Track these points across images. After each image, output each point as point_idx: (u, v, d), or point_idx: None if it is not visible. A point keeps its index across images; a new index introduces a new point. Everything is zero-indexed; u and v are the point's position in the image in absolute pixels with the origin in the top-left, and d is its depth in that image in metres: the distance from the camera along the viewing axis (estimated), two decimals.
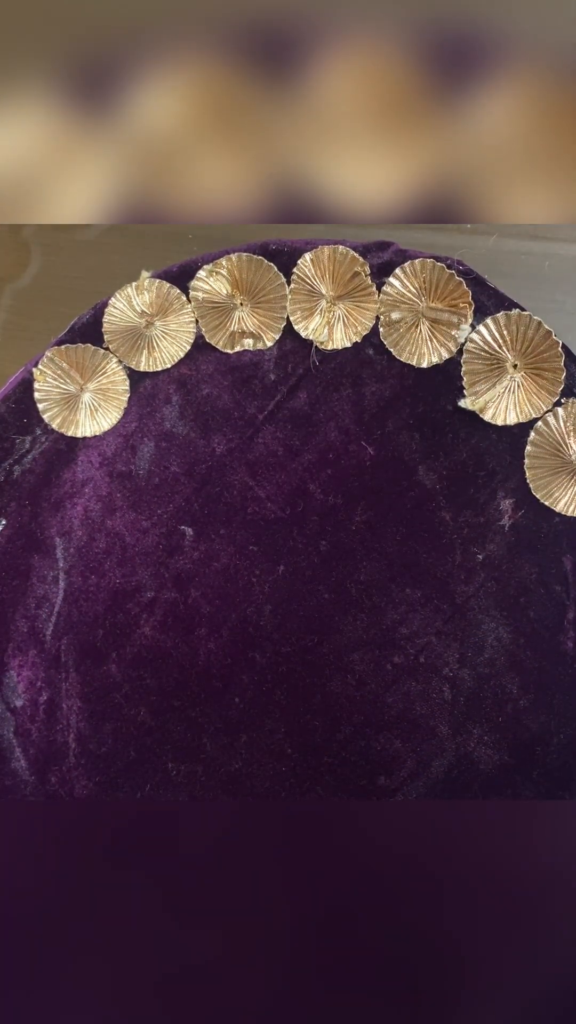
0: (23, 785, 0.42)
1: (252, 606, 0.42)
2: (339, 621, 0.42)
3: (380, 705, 0.41)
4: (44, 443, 0.43)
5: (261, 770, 0.41)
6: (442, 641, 0.41)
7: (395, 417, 0.42)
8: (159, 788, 0.42)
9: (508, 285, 0.42)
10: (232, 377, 0.43)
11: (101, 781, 0.42)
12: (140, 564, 0.43)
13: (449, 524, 0.41)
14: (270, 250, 0.43)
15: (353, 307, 0.42)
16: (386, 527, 0.42)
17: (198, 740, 0.42)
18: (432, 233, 0.46)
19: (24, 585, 0.43)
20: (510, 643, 0.41)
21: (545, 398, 0.41)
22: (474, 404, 0.41)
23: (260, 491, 0.43)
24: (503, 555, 0.41)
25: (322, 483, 0.42)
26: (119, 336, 0.43)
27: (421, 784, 0.41)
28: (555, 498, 0.41)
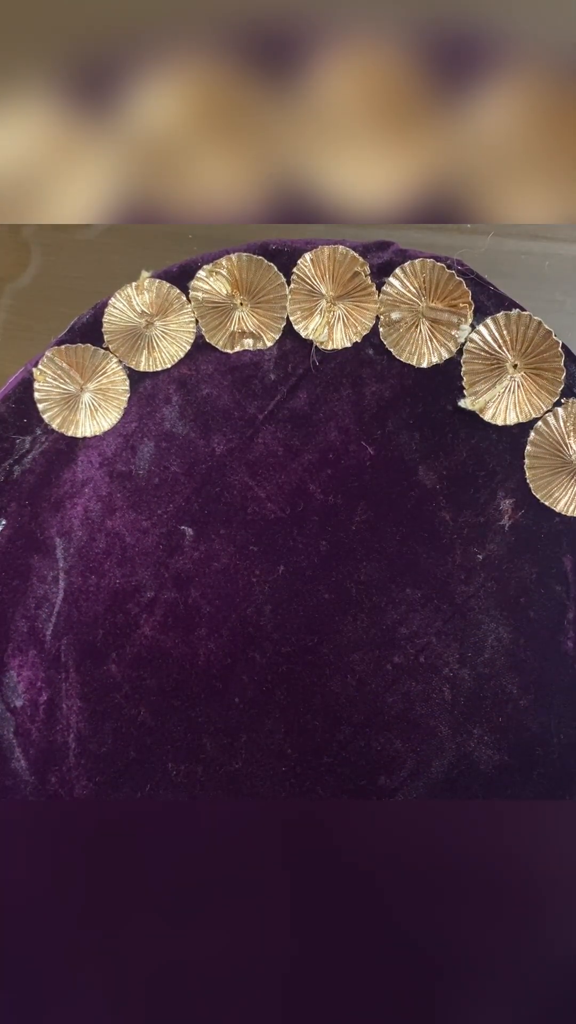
0: (23, 785, 0.42)
1: (252, 606, 0.42)
2: (339, 621, 0.42)
3: (380, 705, 0.41)
4: (44, 443, 0.43)
5: (261, 770, 0.41)
6: (442, 641, 0.41)
7: (395, 417, 0.42)
8: (159, 788, 0.42)
9: (508, 285, 0.42)
10: (232, 377, 0.43)
11: (101, 781, 0.42)
12: (140, 564, 0.43)
13: (449, 524, 0.41)
14: (270, 250, 0.43)
15: (353, 307, 0.42)
16: (386, 527, 0.42)
17: (198, 740, 0.42)
18: (432, 233, 0.46)
19: (24, 585, 0.43)
20: (510, 643, 0.41)
21: (545, 398, 0.41)
22: (474, 404, 0.41)
23: (260, 491, 0.43)
24: (503, 555, 0.41)
25: (322, 483, 0.42)
26: (119, 336, 0.43)
27: (421, 784, 0.41)
28: (555, 498, 0.41)
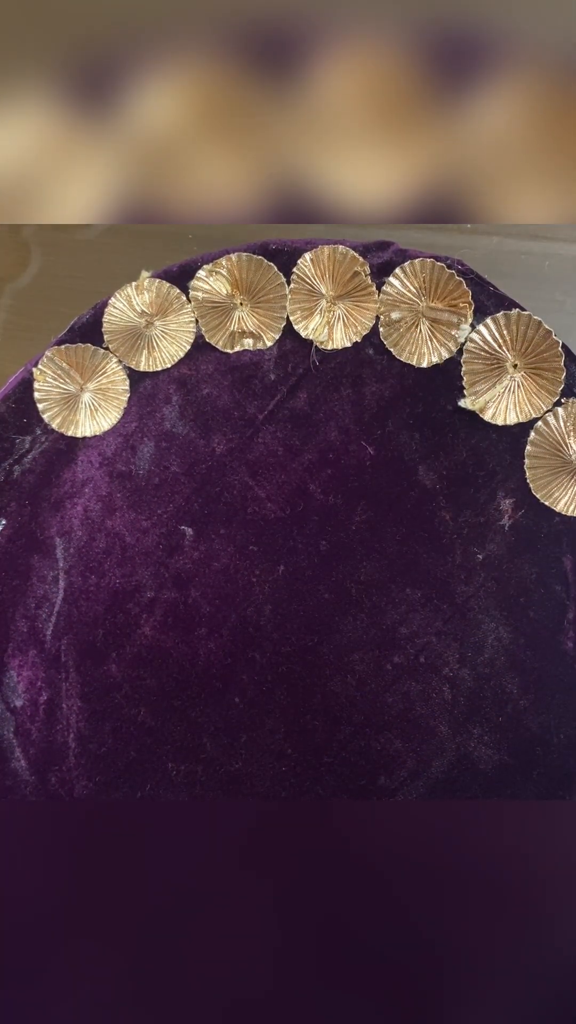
0: (23, 785, 0.42)
1: (252, 606, 0.42)
2: (339, 621, 0.42)
3: (380, 705, 0.41)
4: (44, 443, 0.43)
5: (261, 770, 0.41)
6: (442, 641, 0.41)
7: (395, 417, 0.42)
8: (159, 788, 0.42)
9: (508, 285, 0.42)
10: (232, 377, 0.43)
11: (101, 781, 0.42)
12: (140, 564, 0.43)
13: (449, 524, 0.41)
14: (270, 250, 0.43)
15: (353, 307, 0.42)
16: (386, 527, 0.42)
17: (198, 740, 0.42)
18: (432, 233, 0.46)
19: (24, 585, 0.43)
20: (510, 643, 0.41)
21: (545, 398, 0.41)
22: (474, 404, 0.41)
23: (260, 491, 0.43)
24: (503, 555, 0.41)
25: (322, 483, 0.42)
26: (119, 336, 0.43)
27: (421, 784, 0.41)
28: (555, 498, 0.41)
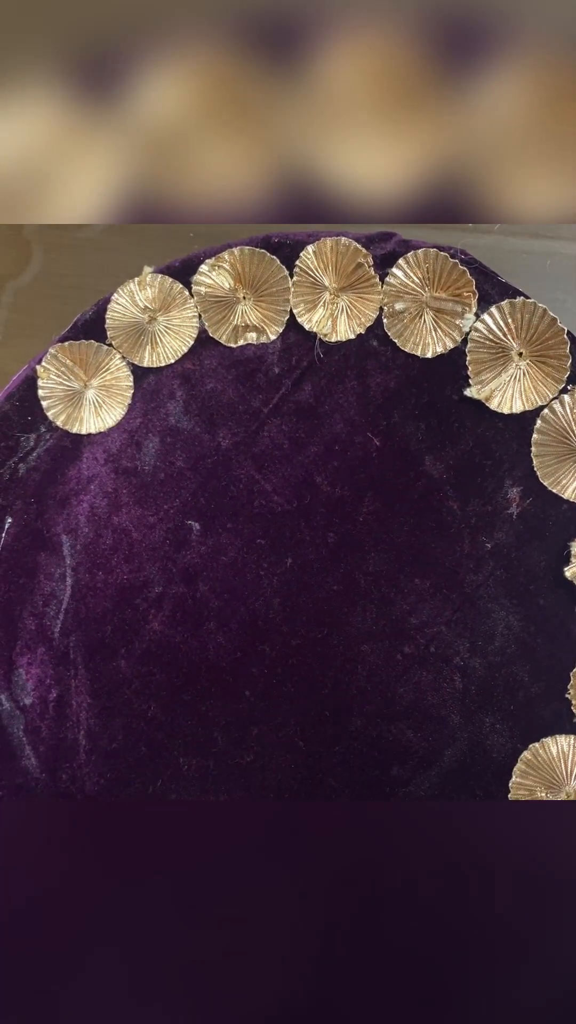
0: (34, 783, 0.42)
1: (261, 599, 0.42)
2: (348, 612, 0.41)
3: (391, 696, 0.41)
4: (49, 440, 0.43)
5: (273, 763, 0.41)
6: (452, 630, 0.41)
7: (401, 408, 0.42)
8: (170, 783, 0.41)
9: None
10: (236, 371, 0.43)
11: (112, 777, 0.42)
12: (147, 559, 0.42)
13: (457, 513, 0.41)
14: (272, 243, 0.43)
15: (356, 298, 0.42)
16: (394, 518, 0.42)
17: (209, 734, 0.41)
18: (433, 231, 0.46)
19: (31, 583, 0.42)
20: (520, 631, 0.41)
21: (551, 385, 0.41)
22: (480, 393, 0.41)
23: (266, 484, 0.42)
24: (512, 543, 0.41)
25: (329, 475, 0.42)
26: (122, 332, 0.43)
27: (434, 773, 0.40)
28: (563, 485, 0.41)
